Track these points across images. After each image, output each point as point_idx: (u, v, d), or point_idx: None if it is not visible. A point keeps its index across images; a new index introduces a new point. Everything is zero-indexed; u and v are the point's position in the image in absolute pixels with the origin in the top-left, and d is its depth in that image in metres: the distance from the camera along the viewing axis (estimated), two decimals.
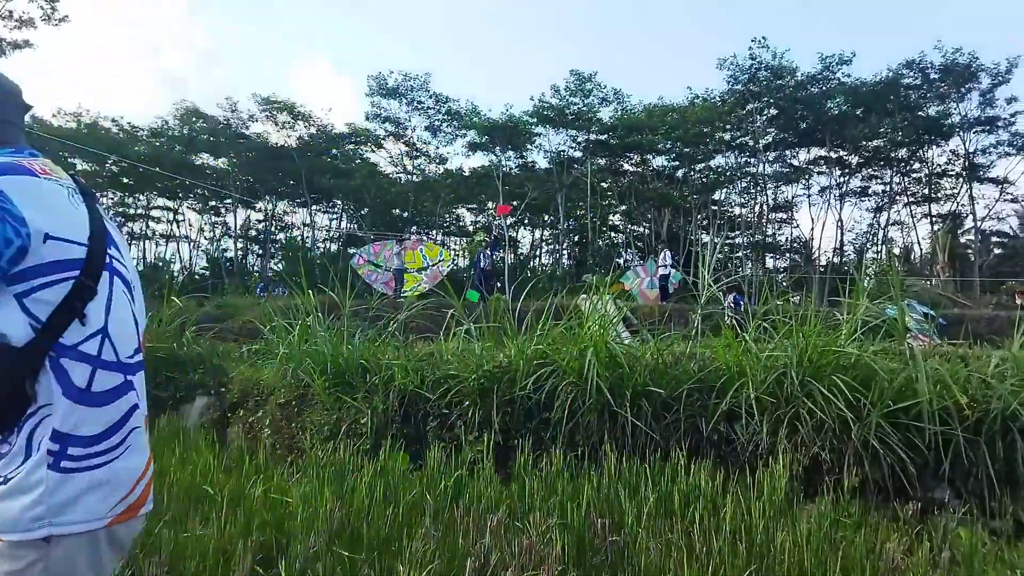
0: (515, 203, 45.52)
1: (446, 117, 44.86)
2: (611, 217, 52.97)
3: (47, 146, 42.82)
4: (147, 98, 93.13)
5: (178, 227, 57.22)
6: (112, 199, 53.79)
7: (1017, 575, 3.78)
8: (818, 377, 5.24)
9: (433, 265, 24.03)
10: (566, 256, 52.05)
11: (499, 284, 23.95)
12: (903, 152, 45.44)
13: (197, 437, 6.88)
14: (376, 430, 6.03)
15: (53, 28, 37.63)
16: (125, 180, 50.23)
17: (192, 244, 57.58)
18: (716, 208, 48.40)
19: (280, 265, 47.96)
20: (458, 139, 46.05)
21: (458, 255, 26.40)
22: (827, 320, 6.01)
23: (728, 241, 47.15)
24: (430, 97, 44.03)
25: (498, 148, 44.57)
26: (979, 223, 45.43)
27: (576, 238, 52.24)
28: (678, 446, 5.29)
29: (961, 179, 45.24)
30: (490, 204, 46.24)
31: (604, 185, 47.74)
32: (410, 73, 43.32)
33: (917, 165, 46.72)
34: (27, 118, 1.99)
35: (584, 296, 7.68)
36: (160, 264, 55.04)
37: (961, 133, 42.63)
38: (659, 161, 47.38)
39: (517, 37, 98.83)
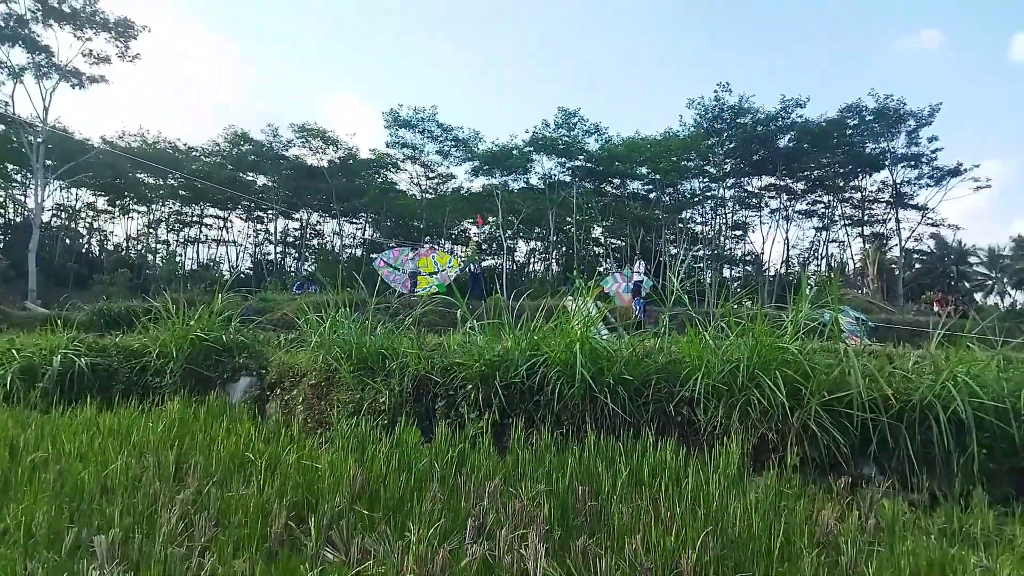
0: (493, 218, 45.40)
1: (453, 143, 44.85)
2: (594, 231, 53.03)
3: (117, 162, 42.83)
4: (201, 123, 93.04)
5: (227, 233, 57.28)
6: (171, 208, 53.83)
7: (931, 540, 3.79)
8: (766, 370, 5.25)
9: (443, 270, 24.02)
10: (555, 264, 52.07)
11: (496, 287, 23.93)
12: (841, 181, 45.70)
13: (241, 412, 6.86)
14: (393, 408, 6.04)
15: (127, 64, 37.69)
16: (183, 192, 50.32)
17: (238, 248, 57.66)
18: (682, 225, 48.47)
19: (313, 267, 47.95)
20: (465, 162, 46.08)
21: (466, 264, 26.38)
22: (774, 322, 6.02)
23: (692, 253, 47.24)
24: (438, 127, 44.03)
25: (498, 173, 44.60)
26: (903, 243, 45.69)
27: (564, 248, 52.27)
28: (648, 426, 5.31)
29: (889, 205, 45.51)
30: (491, 219, 46.18)
31: (589, 204, 47.80)
32: (419, 107, 43.37)
33: (852, 193, 46.99)
34: (98, 138, 1.93)
35: (570, 298, 7.66)
36: (211, 264, 55.03)
37: (890, 167, 42.89)
38: (635, 185, 47.46)
39: (519, 74, 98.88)
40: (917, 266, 51.63)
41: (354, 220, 56.28)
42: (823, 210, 48.61)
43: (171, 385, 7.65)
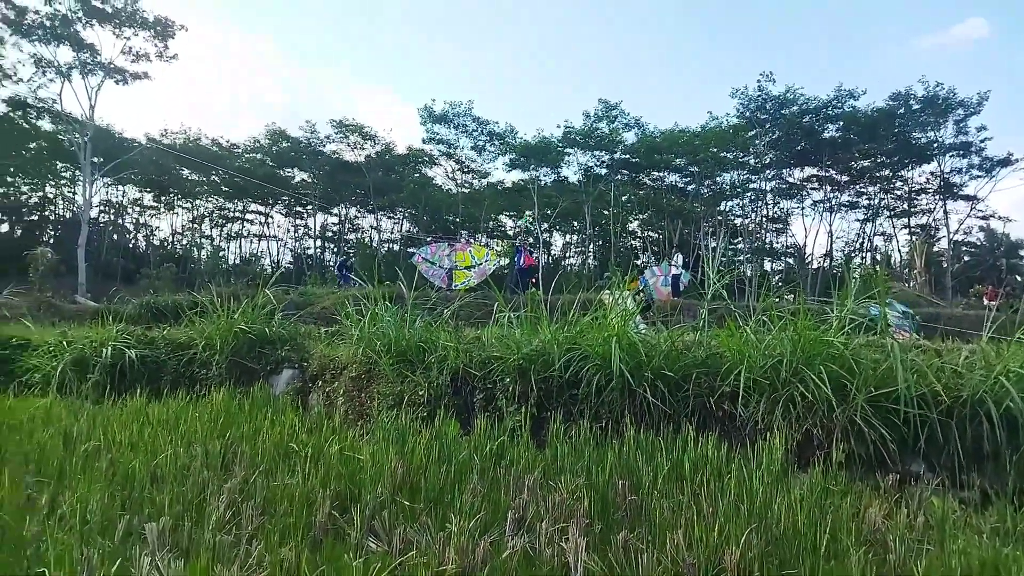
0: (529, 212, 45.29)
1: (488, 138, 44.93)
2: (631, 224, 52.63)
3: (162, 159, 43.96)
4: (240, 121, 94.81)
5: (268, 228, 58.35)
6: (215, 204, 55.05)
7: (983, 539, 3.68)
8: (809, 364, 5.16)
9: (480, 264, 24.08)
10: (591, 258, 51.87)
11: (534, 280, 23.92)
12: (887, 172, 44.58)
13: (284, 403, 6.98)
14: (432, 401, 6.09)
15: (165, 63, 38.73)
16: (225, 188, 51.38)
17: (279, 242, 58.71)
18: (721, 218, 47.83)
19: (353, 261, 48.63)
20: (500, 157, 46.15)
21: (501, 256, 26.45)
22: (818, 316, 5.91)
23: (731, 247, 46.62)
24: (473, 121, 44.14)
25: (533, 167, 44.57)
26: (952, 235, 44.47)
27: (600, 242, 52.00)
28: (688, 421, 5.26)
29: (937, 196, 44.30)
30: (528, 213, 46.17)
31: (625, 197, 47.44)
32: (454, 102, 43.60)
33: (899, 183, 45.82)
34: (142, 136, 1.97)
35: (607, 291, 7.61)
36: (253, 259, 56.09)
37: (938, 156, 41.71)
38: (673, 178, 46.99)
39: (552, 68, 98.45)
40: (966, 259, 50.12)
41: (391, 215, 56.83)
42: (868, 201, 47.53)
43: (217, 376, 7.82)
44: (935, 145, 41.04)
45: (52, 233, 50.95)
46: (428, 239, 37.58)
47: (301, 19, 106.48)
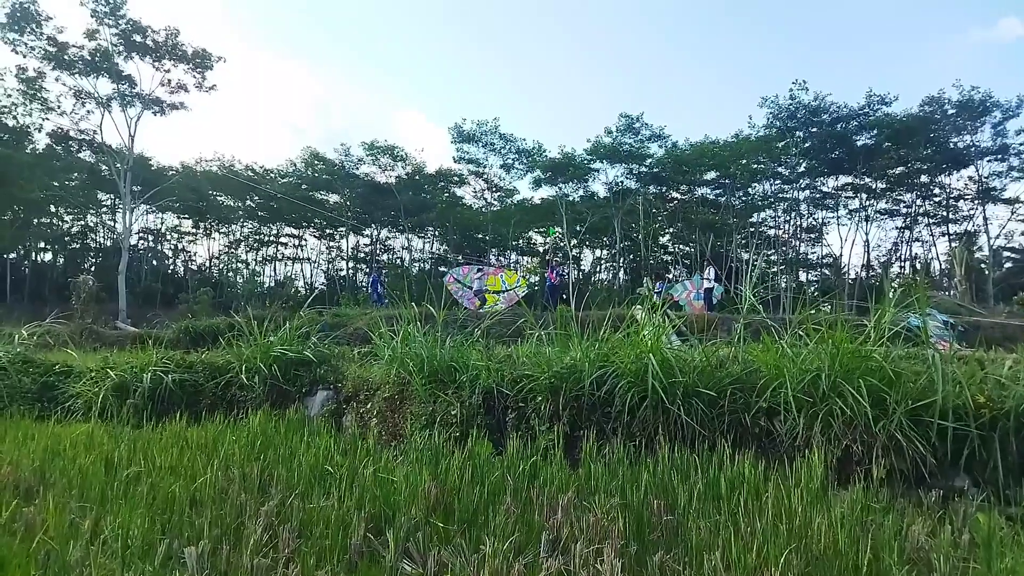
0: (560, 230, 45.23)
1: (515, 155, 45.26)
2: (661, 238, 52.32)
3: (199, 186, 45.07)
4: (275, 145, 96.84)
5: (301, 251, 59.29)
6: (250, 228, 56.15)
7: None
8: (848, 378, 5.05)
9: (510, 289, 24.20)
10: (622, 272, 51.61)
11: (564, 296, 23.87)
12: (924, 178, 43.74)
13: (319, 425, 7.05)
14: (464, 421, 6.09)
15: (203, 94, 39.78)
16: (260, 213, 52.37)
17: (312, 264, 59.63)
18: (754, 229, 47.27)
19: (385, 279, 49.18)
20: (528, 174, 46.39)
21: (532, 273, 26.55)
22: (856, 328, 5.78)
23: (765, 258, 46.02)
24: (500, 138, 44.54)
25: (560, 182, 44.74)
26: (992, 240, 43.38)
27: (631, 256, 51.73)
28: (724, 438, 5.18)
29: (976, 201, 43.29)
30: (558, 230, 46.26)
31: (655, 211, 47.21)
32: (482, 120, 44.10)
33: (936, 190, 44.90)
34: (178, 164, 2.02)
35: (639, 307, 7.56)
36: (287, 281, 56.99)
37: (976, 161, 40.84)
38: (703, 190, 46.71)
39: (578, 83, 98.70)
40: (1008, 265, 48.71)
41: (422, 234, 57.38)
42: (905, 209, 46.62)
43: (253, 399, 7.91)
44: (972, 149, 40.22)
45: (93, 260, 52.45)
46: (460, 259, 37.84)
47: (333, 44, 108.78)
